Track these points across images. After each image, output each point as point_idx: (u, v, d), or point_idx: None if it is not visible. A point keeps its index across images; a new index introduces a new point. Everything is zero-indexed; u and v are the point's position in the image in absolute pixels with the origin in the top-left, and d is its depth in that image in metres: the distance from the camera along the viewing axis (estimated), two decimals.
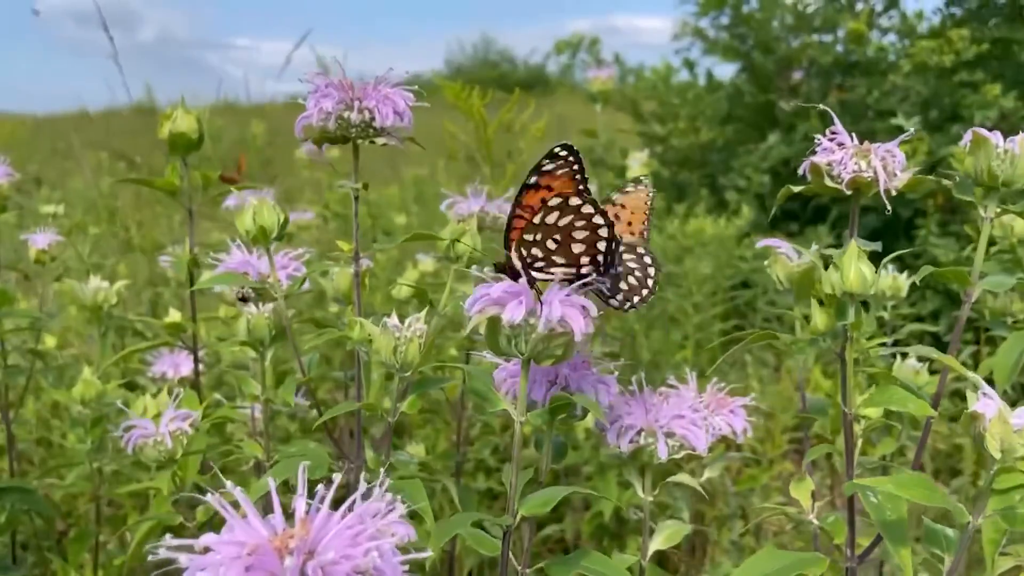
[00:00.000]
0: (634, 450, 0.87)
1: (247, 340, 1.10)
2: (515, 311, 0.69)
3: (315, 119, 0.96)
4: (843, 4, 3.97)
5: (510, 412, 0.76)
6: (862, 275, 0.82)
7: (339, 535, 0.48)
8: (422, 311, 0.91)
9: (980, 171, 0.88)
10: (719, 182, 4.04)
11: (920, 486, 0.74)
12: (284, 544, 0.47)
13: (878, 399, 0.84)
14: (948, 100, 3.39)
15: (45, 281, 1.76)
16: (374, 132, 0.99)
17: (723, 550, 1.97)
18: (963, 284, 0.91)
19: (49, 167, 6.36)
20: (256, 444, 1.12)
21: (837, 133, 0.90)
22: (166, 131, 1.20)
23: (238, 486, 0.50)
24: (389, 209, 3.80)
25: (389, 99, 0.97)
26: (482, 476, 2.05)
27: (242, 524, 0.48)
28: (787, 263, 1.09)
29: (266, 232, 1.00)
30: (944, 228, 3.09)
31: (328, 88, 0.97)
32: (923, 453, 0.99)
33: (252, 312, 1.09)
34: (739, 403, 1.00)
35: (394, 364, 0.88)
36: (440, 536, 0.66)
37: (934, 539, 0.87)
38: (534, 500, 0.75)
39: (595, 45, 4.55)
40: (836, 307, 0.84)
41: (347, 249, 1.05)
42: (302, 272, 1.12)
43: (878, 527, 0.78)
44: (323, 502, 0.50)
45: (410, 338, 0.88)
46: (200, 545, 0.46)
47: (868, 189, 0.87)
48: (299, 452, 0.92)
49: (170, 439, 1.09)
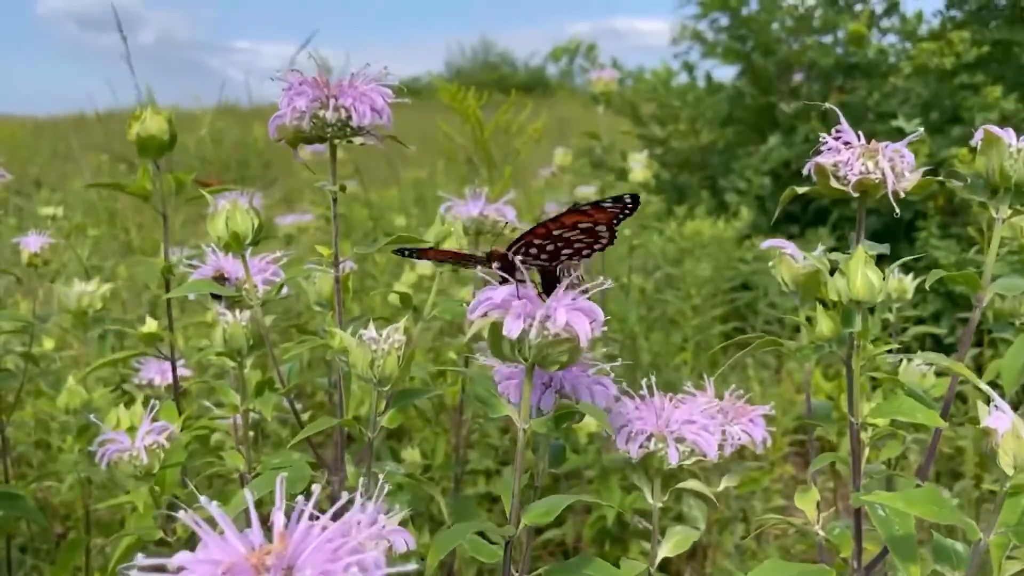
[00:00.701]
0: (644, 456, 0.85)
1: (224, 351, 1.05)
2: (516, 323, 0.68)
3: (288, 119, 0.91)
4: (843, 6, 3.96)
5: (512, 418, 0.74)
6: (869, 282, 0.80)
7: (319, 549, 0.46)
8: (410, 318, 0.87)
9: (992, 171, 0.85)
10: (719, 184, 4.03)
11: (929, 502, 0.72)
12: (260, 561, 0.45)
13: (886, 409, 0.82)
14: (949, 102, 3.38)
15: (43, 284, 1.74)
16: (351, 131, 0.94)
17: (725, 553, 1.96)
18: (974, 288, 0.88)
19: (49, 169, 6.36)
20: (239, 455, 1.08)
21: (843, 132, 0.87)
22: (134, 133, 1.13)
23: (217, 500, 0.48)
24: (389, 211, 3.80)
25: (366, 96, 0.92)
26: (482, 480, 2.04)
27: (217, 541, 0.46)
28: (793, 264, 1.06)
29: (239, 238, 0.95)
30: (945, 230, 3.08)
31: (302, 86, 0.91)
32: (931, 461, 0.97)
33: (228, 320, 1.04)
34: (758, 412, 0.97)
35: (371, 378, 0.83)
36: (439, 548, 0.64)
37: (944, 555, 0.84)
38: (537, 509, 0.73)
39: (592, 51, 4.55)
40: (842, 314, 0.82)
41: (327, 253, 1.00)
42: (280, 277, 1.07)
43: (886, 542, 0.76)
44: (302, 515, 0.48)
45: (387, 351, 0.83)
46: (174, 564, 0.45)
47: (875, 191, 0.84)
48: (281, 464, 0.89)
49: (145, 454, 1.04)
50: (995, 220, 0.86)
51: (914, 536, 0.76)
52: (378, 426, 0.88)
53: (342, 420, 0.91)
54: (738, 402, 0.98)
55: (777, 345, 0.88)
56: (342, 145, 0.99)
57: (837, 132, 0.87)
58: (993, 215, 0.86)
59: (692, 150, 4.23)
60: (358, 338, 0.84)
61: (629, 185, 2.74)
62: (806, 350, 0.91)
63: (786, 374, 2.80)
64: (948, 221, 3.12)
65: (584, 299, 0.71)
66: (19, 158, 6.20)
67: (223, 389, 1.10)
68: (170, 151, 1.16)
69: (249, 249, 0.99)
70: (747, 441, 0.92)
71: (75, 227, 2.34)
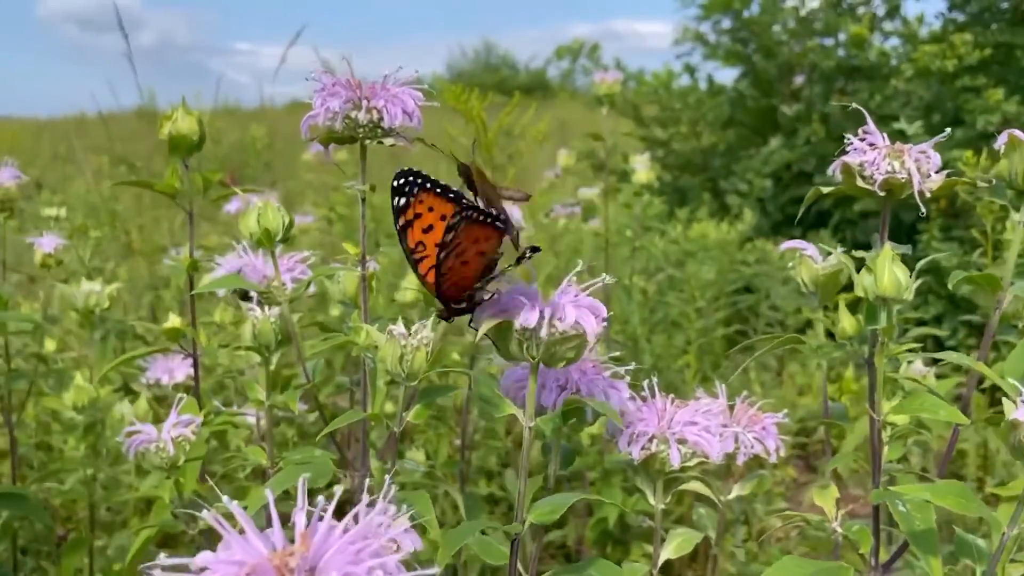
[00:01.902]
0: (646, 457, 0.85)
1: (253, 345, 1.07)
2: (532, 314, 0.68)
3: (321, 119, 0.93)
4: (845, 9, 3.97)
5: (518, 417, 0.74)
6: (896, 279, 0.80)
7: (341, 551, 0.46)
8: (428, 317, 0.88)
9: (1015, 174, 0.87)
10: (721, 186, 4.04)
11: (956, 494, 0.72)
12: (284, 563, 0.45)
13: (908, 406, 0.82)
14: (951, 105, 3.38)
15: (48, 284, 1.74)
16: (382, 132, 0.96)
17: (727, 555, 1.95)
18: (994, 289, 0.89)
19: (51, 171, 6.36)
20: (260, 450, 1.10)
21: (869, 133, 0.88)
22: (166, 132, 1.16)
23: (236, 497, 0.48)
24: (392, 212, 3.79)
25: (398, 99, 0.94)
26: (484, 481, 2.04)
27: (239, 541, 0.46)
28: (812, 265, 1.07)
29: (270, 234, 0.98)
30: (947, 233, 3.08)
31: (335, 87, 0.93)
32: (948, 459, 0.97)
33: (258, 316, 1.06)
34: (771, 420, 0.97)
35: (400, 373, 0.84)
36: (448, 547, 0.64)
37: (965, 550, 0.85)
38: (542, 507, 0.74)
39: (595, 52, 4.55)
40: (867, 311, 0.82)
41: (354, 252, 1.02)
42: (307, 275, 1.10)
43: (907, 536, 0.76)
44: (324, 515, 0.47)
45: (417, 346, 0.84)
46: (196, 565, 0.44)
47: (901, 190, 0.85)
48: (303, 459, 0.89)
49: (172, 445, 1.07)
50: (1016, 224, 0.87)
51: (935, 531, 0.76)
52: (404, 421, 0.90)
53: (369, 414, 0.92)
54: (750, 409, 0.97)
55: (798, 343, 0.88)
56: (345, 147, 1.00)
57: (864, 132, 0.88)
58: (1015, 218, 0.87)
59: (693, 152, 4.24)
60: (388, 333, 0.85)
61: (632, 187, 2.74)
62: (826, 348, 0.91)
63: (787, 376, 2.80)
64: (950, 224, 3.12)
65: (586, 296, 0.72)
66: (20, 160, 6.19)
67: (250, 384, 1.12)
68: (199, 151, 1.19)
69: (279, 246, 1.01)
70: (760, 451, 0.92)
71: (77, 228, 2.34)
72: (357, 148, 1.00)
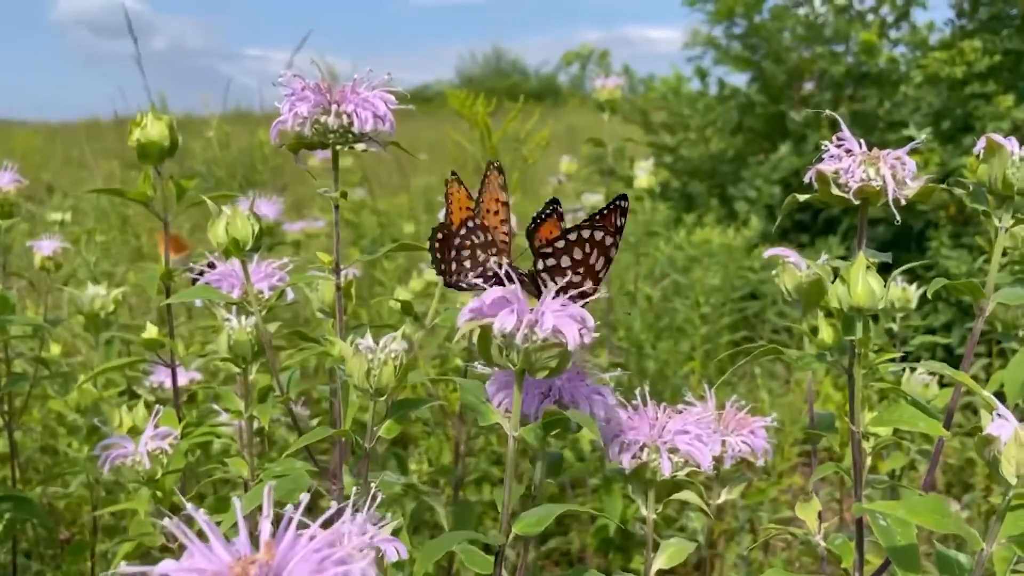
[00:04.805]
0: (636, 466, 0.84)
1: (229, 356, 1.05)
2: (509, 317, 0.67)
3: (290, 124, 0.91)
4: (854, 15, 3.95)
5: (503, 426, 0.73)
6: (870, 289, 0.79)
7: (305, 559, 0.46)
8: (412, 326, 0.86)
9: (995, 179, 0.85)
10: (729, 192, 4.02)
11: (932, 511, 0.71)
12: (244, 570, 0.45)
13: (888, 418, 0.81)
14: (960, 111, 3.36)
15: (53, 288, 1.75)
16: (353, 138, 0.93)
17: (731, 565, 1.94)
18: (976, 296, 0.88)
19: (62, 175, 6.40)
20: (242, 461, 1.08)
21: (844, 140, 0.87)
22: (135, 139, 1.12)
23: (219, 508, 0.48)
24: (399, 218, 3.80)
25: (369, 102, 0.91)
26: (487, 488, 2.03)
27: (202, 550, 0.46)
28: (796, 273, 1.06)
29: (239, 244, 0.94)
30: (956, 240, 3.06)
31: (304, 91, 0.91)
32: (935, 471, 0.96)
33: (234, 326, 1.03)
34: (759, 423, 0.97)
35: (367, 388, 0.81)
36: (427, 556, 0.63)
37: (947, 566, 0.83)
38: (528, 519, 0.72)
39: (605, 58, 4.54)
40: (843, 322, 0.81)
41: (327, 260, 1.00)
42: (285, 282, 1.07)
43: (887, 552, 0.75)
44: (290, 524, 0.47)
45: (384, 360, 0.81)
46: (156, 573, 0.44)
47: (877, 198, 0.84)
48: (284, 472, 0.89)
49: (148, 459, 1.05)
50: (998, 229, 0.85)
51: (916, 546, 0.75)
52: (375, 436, 0.87)
53: (337, 431, 0.90)
54: (739, 413, 0.97)
55: (778, 353, 0.87)
56: (352, 153, 0.98)
57: (839, 139, 0.87)
58: (996, 224, 0.86)
59: (702, 158, 4.22)
60: (354, 347, 0.82)
61: (634, 192, 2.73)
62: (807, 359, 0.90)
63: (795, 384, 2.78)
64: (960, 231, 3.10)
65: (575, 305, 0.70)
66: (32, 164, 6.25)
67: (227, 395, 1.10)
68: (171, 157, 1.16)
69: (255, 255, 0.98)
70: (747, 452, 0.91)
71: (84, 232, 2.35)
72: (359, 154, 0.98)
